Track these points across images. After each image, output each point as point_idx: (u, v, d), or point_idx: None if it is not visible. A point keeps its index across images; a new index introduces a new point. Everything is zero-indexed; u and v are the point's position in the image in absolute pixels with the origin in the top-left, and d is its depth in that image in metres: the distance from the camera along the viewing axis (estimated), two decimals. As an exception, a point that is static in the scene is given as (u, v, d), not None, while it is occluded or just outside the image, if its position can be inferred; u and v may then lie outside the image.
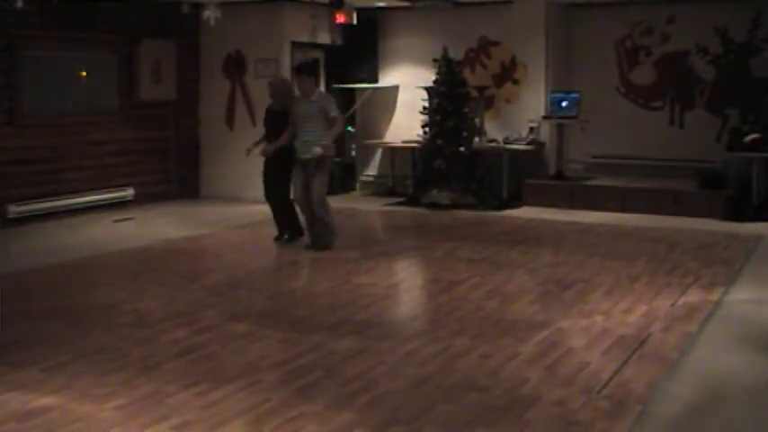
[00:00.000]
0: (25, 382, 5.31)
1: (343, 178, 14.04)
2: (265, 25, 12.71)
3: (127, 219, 11.33)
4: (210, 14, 11.40)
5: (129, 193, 12.15)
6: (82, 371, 5.51)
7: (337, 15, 12.45)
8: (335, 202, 13.06)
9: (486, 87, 12.95)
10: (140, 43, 12.15)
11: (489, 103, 13.10)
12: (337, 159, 13.90)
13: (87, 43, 11.61)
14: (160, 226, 10.92)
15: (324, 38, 13.31)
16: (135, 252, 9.46)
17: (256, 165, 12.88)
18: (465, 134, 12.45)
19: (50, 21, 10.96)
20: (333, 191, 13.68)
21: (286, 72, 12.72)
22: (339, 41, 13.56)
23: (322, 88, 13.60)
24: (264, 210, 12.14)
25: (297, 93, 9.57)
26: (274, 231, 10.00)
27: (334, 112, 9.28)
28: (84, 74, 11.74)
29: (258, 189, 12.80)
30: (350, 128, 14.13)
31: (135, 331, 6.43)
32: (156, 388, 5.20)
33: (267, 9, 12.61)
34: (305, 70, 9.58)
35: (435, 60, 12.51)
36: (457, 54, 12.66)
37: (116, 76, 12.09)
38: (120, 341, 6.17)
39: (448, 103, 12.32)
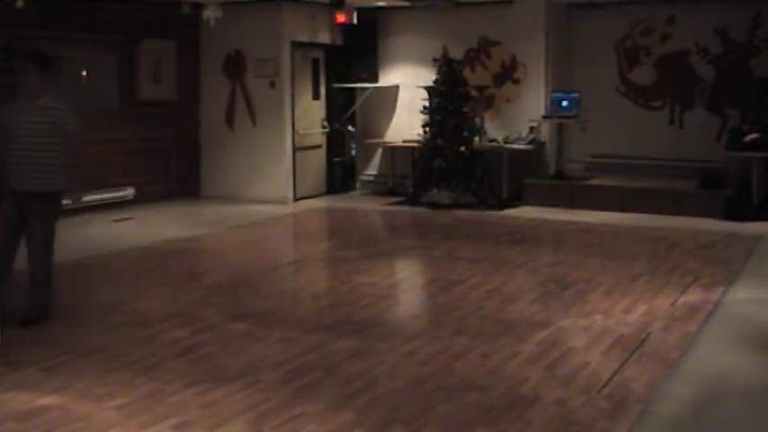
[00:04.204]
0: (25, 381, 5.31)
1: (343, 178, 14.04)
2: (265, 25, 12.71)
3: (126, 219, 11.33)
4: (210, 14, 11.42)
5: (128, 192, 12.15)
6: (82, 371, 5.51)
7: (337, 15, 12.46)
8: (336, 201, 13.11)
9: (487, 87, 12.94)
10: (140, 43, 12.14)
11: (489, 102, 13.09)
12: (337, 159, 13.93)
13: (87, 43, 11.61)
14: (160, 226, 10.92)
15: (324, 37, 13.32)
16: (135, 252, 9.46)
17: (257, 165, 12.95)
18: (465, 134, 12.44)
19: (50, 20, 10.94)
20: (333, 190, 13.73)
21: (286, 71, 12.73)
22: (339, 41, 13.57)
23: (323, 89, 13.63)
24: (264, 210, 12.18)
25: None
26: None
27: (75, 124, 6.57)
28: (84, 73, 11.73)
29: (257, 189, 12.89)
30: (350, 127, 14.13)
31: (135, 331, 6.43)
32: (156, 388, 5.20)
33: (267, 9, 12.61)
34: (37, 59, 6.58)
35: (435, 60, 12.50)
36: (457, 54, 12.66)
37: (116, 76, 12.08)
38: (120, 341, 6.17)
39: (448, 102, 12.32)
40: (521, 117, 12.86)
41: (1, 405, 4.93)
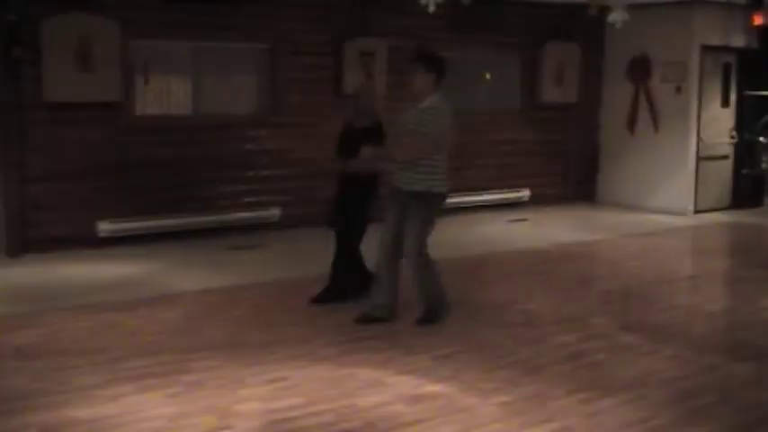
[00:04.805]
0: (417, 367, 5.55)
1: (751, 192, 13.08)
2: (673, 27, 12.19)
3: (522, 220, 11.48)
4: (617, 17, 11.17)
5: (525, 194, 12.32)
6: (470, 364, 5.64)
7: (755, 16, 11.65)
8: (741, 216, 12.25)
9: None
10: (544, 46, 12.24)
11: None
12: (745, 171, 13.02)
13: (491, 45, 11.90)
14: (554, 229, 10.93)
15: (737, 41, 12.49)
16: (527, 253, 9.54)
17: (656, 173, 12.51)
18: None
19: (455, 24, 11.26)
20: (739, 205, 12.82)
21: (694, 76, 12.14)
22: (754, 44, 12.65)
23: (733, 96, 12.84)
24: (662, 220, 11.74)
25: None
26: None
27: (427, 128, 6.32)
28: (488, 76, 12.08)
29: (656, 198, 12.45)
30: (763, 138, 13.12)
31: (524, 331, 6.46)
32: (541, 389, 5.18)
33: (676, 10, 12.07)
34: (424, 60, 6.54)
35: None
36: None
37: (519, 78, 12.32)
38: (509, 339, 6.23)
39: None
40: None
41: (392, 386, 5.21)
